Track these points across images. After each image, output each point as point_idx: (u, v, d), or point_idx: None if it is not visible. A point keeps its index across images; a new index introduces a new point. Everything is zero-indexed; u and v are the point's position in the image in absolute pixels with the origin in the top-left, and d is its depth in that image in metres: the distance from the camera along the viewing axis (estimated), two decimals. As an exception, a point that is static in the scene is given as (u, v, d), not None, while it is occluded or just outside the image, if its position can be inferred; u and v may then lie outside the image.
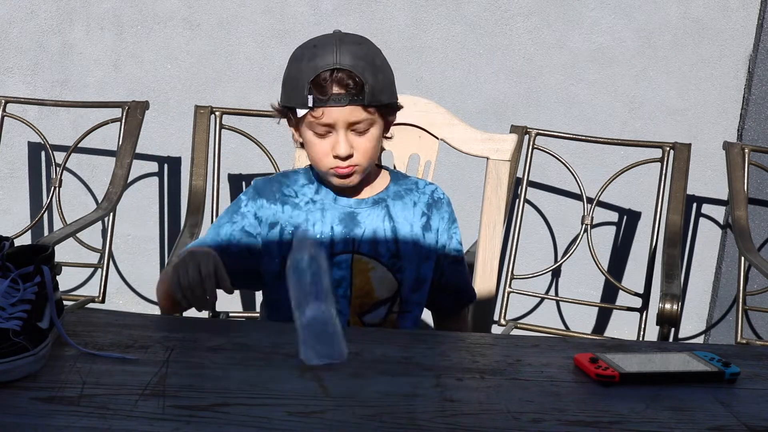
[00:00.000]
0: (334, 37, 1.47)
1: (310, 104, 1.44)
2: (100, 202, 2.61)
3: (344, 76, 1.43)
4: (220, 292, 1.36)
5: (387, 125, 1.53)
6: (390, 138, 1.56)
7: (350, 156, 1.47)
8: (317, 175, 1.57)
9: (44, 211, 2.72)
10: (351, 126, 1.46)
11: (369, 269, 1.53)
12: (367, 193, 1.57)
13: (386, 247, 1.54)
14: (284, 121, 1.58)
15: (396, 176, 1.62)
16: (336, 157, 1.47)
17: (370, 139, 1.49)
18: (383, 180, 1.60)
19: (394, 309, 1.55)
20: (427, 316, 1.70)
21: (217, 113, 2.53)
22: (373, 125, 1.48)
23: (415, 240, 1.56)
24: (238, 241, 1.54)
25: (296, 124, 1.52)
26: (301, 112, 1.47)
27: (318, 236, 1.52)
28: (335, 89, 1.43)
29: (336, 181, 1.51)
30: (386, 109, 1.51)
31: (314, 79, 1.43)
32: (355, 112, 1.45)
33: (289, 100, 1.50)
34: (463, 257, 1.66)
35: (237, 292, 2.96)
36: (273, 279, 1.54)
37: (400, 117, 1.60)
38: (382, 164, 1.65)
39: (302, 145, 1.56)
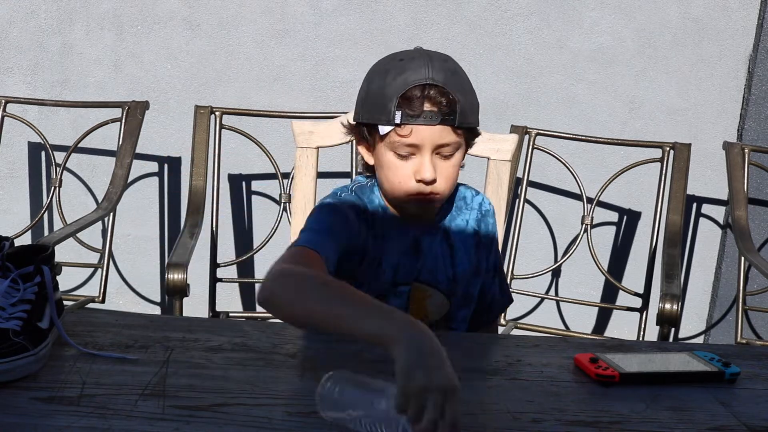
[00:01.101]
0: (422, 52, 1.38)
1: (398, 120, 1.32)
2: (100, 202, 2.61)
3: (437, 93, 1.33)
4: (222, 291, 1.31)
5: (465, 153, 1.43)
6: (463, 167, 1.44)
7: (434, 181, 1.36)
8: (383, 198, 1.47)
9: (44, 211, 2.72)
10: (437, 149, 1.36)
11: (427, 297, 1.48)
12: (430, 216, 1.49)
13: (445, 274, 1.49)
14: (283, 122, 1.53)
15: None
16: (419, 181, 1.36)
17: (454, 164, 1.39)
18: None
19: (436, 328, 1.51)
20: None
21: (217, 113, 2.53)
22: (458, 149, 1.39)
23: (469, 261, 1.52)
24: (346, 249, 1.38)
25: (372, 143, 1.40)
26: (384, 130, 1.35)
27: (386, 269, 1.43)
28: (427, 106, 1.32)
29: (414, 208, 1.42)
30: (471, 135, 1.41)
31: (404, 94, 1.32)
32: (445, 133, 1.34)
33: (371, 116, 1.37)
34: (501, 266, 1.62)
35: (237, 293, 2.96)
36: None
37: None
38: None
39: (368, 168, 1.46)
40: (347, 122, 1.45)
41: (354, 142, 1.46)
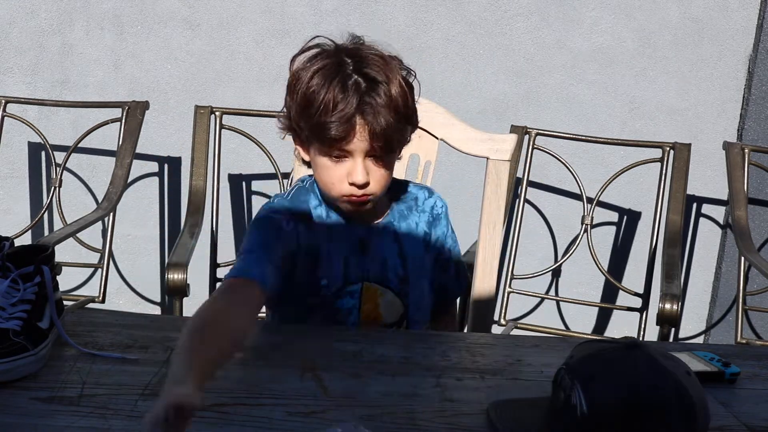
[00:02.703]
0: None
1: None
2: (100, 202, 2.61)
3: (367, 125, 1.35)
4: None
5: (401, 151, 1.46)
6: (399, 159, 1.47)
7: (366, 184, 1.38)
8: (323, 195, 1.49)
9: (44, 211, 2.72)
10: (368, 153, 1.37)
11: (378, 296, 1.49)
12: (374, 215, 1.50)
13: (395, 272, 1.50)
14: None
15: (396, 189, 1.55)
16: (352, 184, 1.38)
17: (387, 166, 1.41)
18: (385, 196, 1.52)
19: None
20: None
21: (217, 113, 2.53)
22: (390, 153, 1.41)
23: (420, 263, 1.53)
24: (284, 258, 1.41)
25: (306, 142, 1.42)
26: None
27: (334, 267, 1.45)
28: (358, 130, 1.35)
29: (348, 208, 1.43)
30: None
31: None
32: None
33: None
34: (449, 257, 1.61)
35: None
36: (285, 302, 1.45)
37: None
38: None
39: (306, 163, 1.47)
40: (283, 121, 1.46)
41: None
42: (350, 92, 1.33)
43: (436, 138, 1.82)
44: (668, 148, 2.56)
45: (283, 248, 1.40)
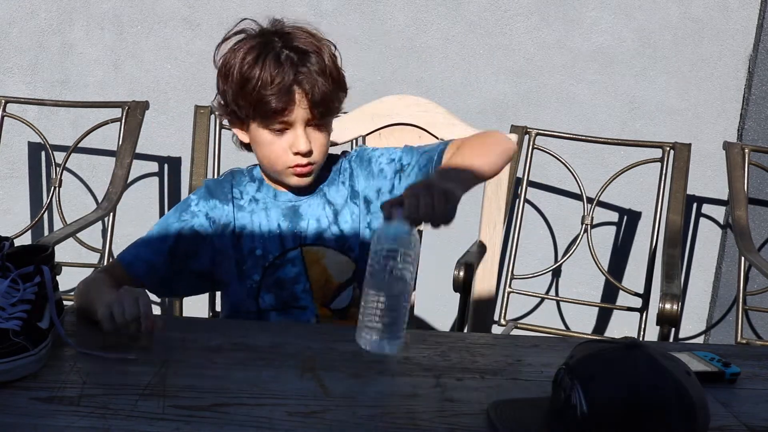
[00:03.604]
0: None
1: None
2: (100, 202, 2.62)
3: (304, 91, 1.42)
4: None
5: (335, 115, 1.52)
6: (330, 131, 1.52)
7: (310, 152, 1.44)
8: (262, 174, 1.55)
9: (44, 211, 2.72)
10: (308, 122, 1.44)
11: (320, 257, 1.52)
12: (312, 186, 1.54)
13: (330, 231, 1.52)
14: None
15: (329, 162, 1.58)
16: (296, 153, 1.44)
17: (326, 134, 1.48)
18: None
19: (357, 290, 1.53)
20: (426, 316, 1.69)
21: (216, 113, 2.53)
22: (328, 119, 1.47)
23: (353, 216, 1.54)
24: (187, 240, 1.50)
25: (245, 121, 1.48)
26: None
27: (266, 235, 1.51)
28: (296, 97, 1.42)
29: (294, 180, 1.48)
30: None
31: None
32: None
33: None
34: (401, 159, 1.56)
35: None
36: (231, 279, 1.52)
37: (399, 117, 1.60)
38: None
39: (245, 147, 1.53)
40: (219, 104, 1.53)
41: (228, 122, 1.55)
42: (285, 65, 1.40)
43: (437, 138, 1.82)
44: (668, 148, 2.56)
45: (190, 231, 1.49)
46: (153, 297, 3.08)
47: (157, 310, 3.02)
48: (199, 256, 1.51)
